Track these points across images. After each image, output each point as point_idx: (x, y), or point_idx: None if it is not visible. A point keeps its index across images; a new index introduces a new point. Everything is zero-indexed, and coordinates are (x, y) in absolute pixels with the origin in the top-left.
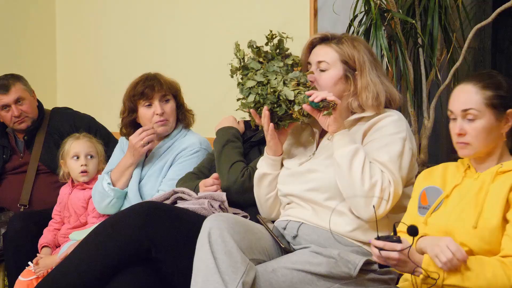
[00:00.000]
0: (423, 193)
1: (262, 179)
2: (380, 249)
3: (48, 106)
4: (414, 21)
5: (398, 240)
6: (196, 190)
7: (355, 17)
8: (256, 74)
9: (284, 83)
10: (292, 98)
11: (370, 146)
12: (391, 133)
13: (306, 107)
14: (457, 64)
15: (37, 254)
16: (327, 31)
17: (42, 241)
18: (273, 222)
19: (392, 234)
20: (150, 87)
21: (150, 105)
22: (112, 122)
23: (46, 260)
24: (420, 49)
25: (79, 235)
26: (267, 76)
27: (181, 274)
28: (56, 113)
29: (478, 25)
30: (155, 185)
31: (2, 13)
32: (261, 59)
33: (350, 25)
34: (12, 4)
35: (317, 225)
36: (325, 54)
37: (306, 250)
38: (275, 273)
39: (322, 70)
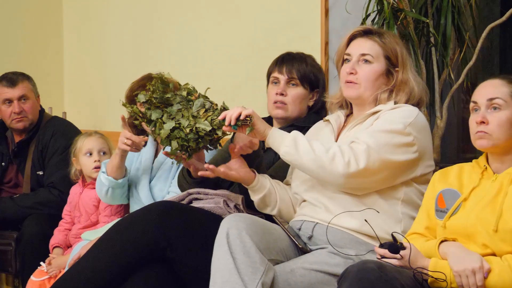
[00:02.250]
0: (440, 196)
1: (260, 203)
2: (383, 256)
3: (56, 109)
4: (428, 20)
5: (402, 246)
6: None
7: (367, 16)
8: (164, 122)
9: (194, 117)
10: (210, 128)
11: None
12: (396, 116)
13: (226, 128)
14: (471, 63)
15: (49, 255)
16: (370, 26)
17: (53, 241)
18: (288, 222)
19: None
20: (142, 86)
21: None
22: (119, 123)
23: (58, 260)
24: (433, 49)
25: (91, 235)
26: (175, 118)
27: (197, 274)
28: (49, 126)
29: (492, 25)
30: (165, 186)
31: (10, 18)
32: (157, 105)
33: (362, 24)
34: (20, 9)
35: (332, 225)
36: (368, 47)
37: (323, 250)
38: (293, 273)
39: (366, 61)
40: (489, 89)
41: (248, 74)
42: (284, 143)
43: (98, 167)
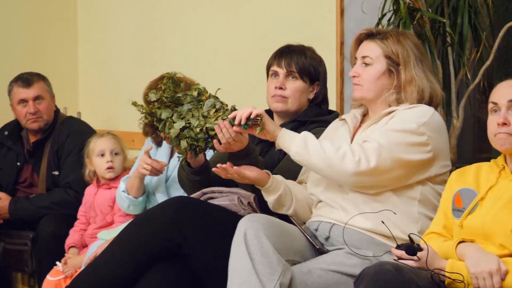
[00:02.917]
0: (457, 195)
1: (275, 203)
2: (400, 258)
3: (71, 109)
4: (444, 20)
5: (419, 247)
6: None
7: (383, 16)
8: (174, 122)
9: (204, 117)
10: None
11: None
12: (410, 116)
13: (236, 128)
14: (487, 63)
15: (65, 254)
16: (373, 28)
17: (69, 241)
18: (304, 222)
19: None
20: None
21: None
22: (133, 123)
23: (74, 260)
24: (449, 48)
25: (107, 235)
26: (185, 118)
27: (212, 270)
28: (64, 126)
29: (508, 24)
30: None
31: (25, 19)
32: (167, 104)
33: (378, 24)
34: (35, 9)
35: (348, 226)
36: (369, 49)
37: (340, 251)
38: (311, 274)
39: (366, 64)
40: (509, 90)
41: (262, 74)
42: (294, 143)
43: (110, 168)
